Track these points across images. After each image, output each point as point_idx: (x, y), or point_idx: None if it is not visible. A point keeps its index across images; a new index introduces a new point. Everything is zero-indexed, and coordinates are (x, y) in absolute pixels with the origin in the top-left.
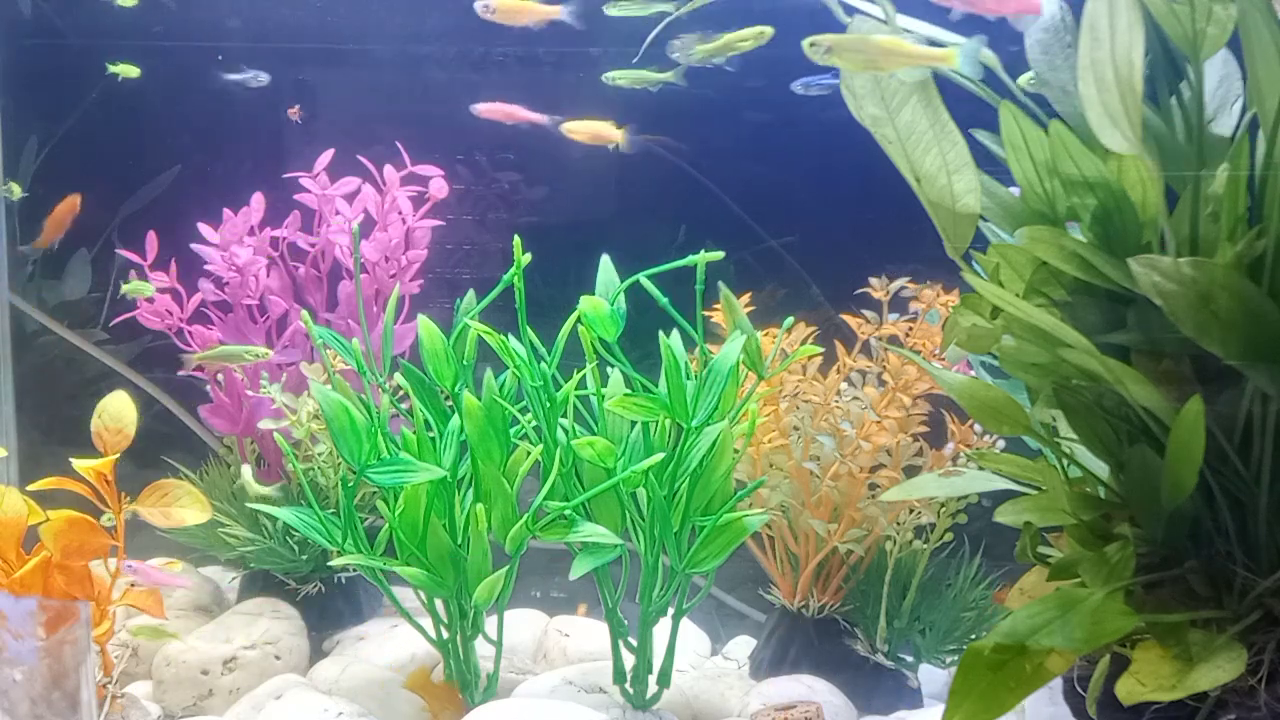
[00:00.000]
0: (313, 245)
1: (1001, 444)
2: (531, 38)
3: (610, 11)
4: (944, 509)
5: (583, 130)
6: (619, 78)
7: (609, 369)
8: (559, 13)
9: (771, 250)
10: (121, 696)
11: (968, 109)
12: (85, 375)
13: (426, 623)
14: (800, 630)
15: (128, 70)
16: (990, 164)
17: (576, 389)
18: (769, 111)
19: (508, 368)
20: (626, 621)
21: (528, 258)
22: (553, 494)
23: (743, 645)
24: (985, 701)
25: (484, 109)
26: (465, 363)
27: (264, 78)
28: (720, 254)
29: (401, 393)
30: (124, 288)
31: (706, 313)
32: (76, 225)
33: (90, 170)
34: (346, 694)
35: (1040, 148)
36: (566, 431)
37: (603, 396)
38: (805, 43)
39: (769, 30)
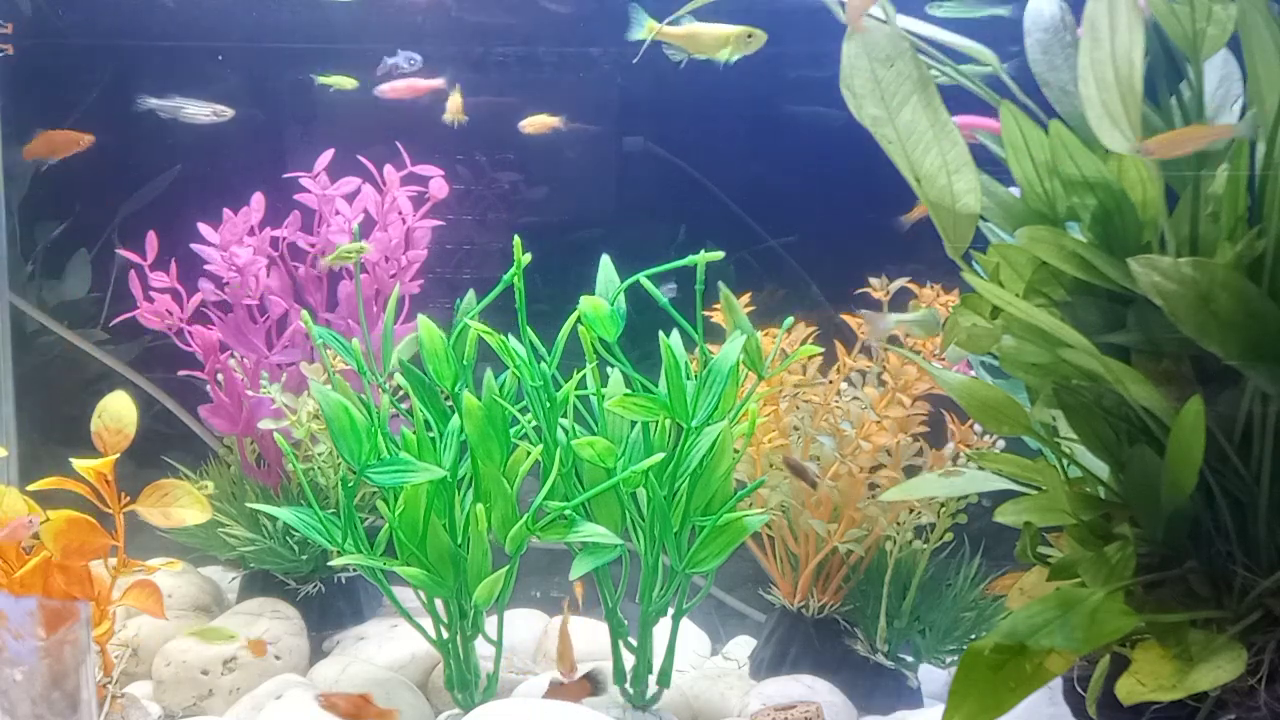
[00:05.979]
0: (313, 245)
1: (1001, 444)
2: (532, 38)
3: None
4: (944, 509)
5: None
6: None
7: (609, 369)
8: None
9: (771, 250)
10: (121, 696)
11: (968, 109)
12: (85, 375)
13: (426, 623)
14: (800, 630)
15: (342, 82)
16: (990, 164)
17: (576, 389)
18: (769, 111)
19: (508, 368)
20: (626, 621)
21: (528, 258)
22: (553, 494)
23: (743, 645)
24: (985, 701)
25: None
26: (465, 363)
27: (226, 111)
28: (720, 254)
29: (401, 393)
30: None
31: (706, 313)
32: (76, 225)
33: (90, 170)
34: None
35: (1040, 148)
36: (566, 431)
37: (603, 396)
38: None
39: None
